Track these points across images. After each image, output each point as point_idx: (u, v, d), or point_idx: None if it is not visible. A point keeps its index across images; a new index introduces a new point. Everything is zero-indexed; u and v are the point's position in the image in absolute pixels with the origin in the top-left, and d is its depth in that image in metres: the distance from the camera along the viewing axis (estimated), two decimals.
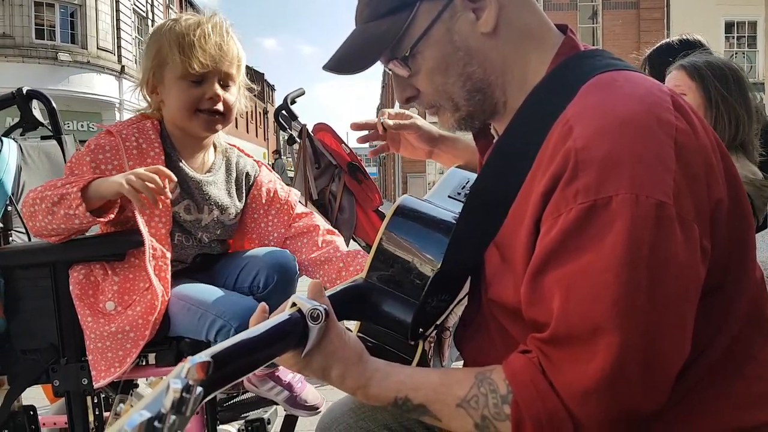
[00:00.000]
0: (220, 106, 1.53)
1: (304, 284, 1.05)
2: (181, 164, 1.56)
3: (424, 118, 1.44)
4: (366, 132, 1.47)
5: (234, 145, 1.75)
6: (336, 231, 1.73)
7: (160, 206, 1.47)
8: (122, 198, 1.42)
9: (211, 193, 1.60)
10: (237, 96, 1.58)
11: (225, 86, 1.55)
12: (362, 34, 0.96)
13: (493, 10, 0.91)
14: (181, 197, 1.56)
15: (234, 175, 1.68)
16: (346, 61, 0.96)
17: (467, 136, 1.31)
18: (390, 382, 0.88)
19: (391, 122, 1.37)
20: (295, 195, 1.76)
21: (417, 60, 0.94)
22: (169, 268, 1.50)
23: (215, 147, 1.67)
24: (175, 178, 1.45)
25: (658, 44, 2.71)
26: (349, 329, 0.95)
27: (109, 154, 1.49)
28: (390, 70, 0.98)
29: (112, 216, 1.45)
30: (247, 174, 1.71)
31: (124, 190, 1.35)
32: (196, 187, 1.58)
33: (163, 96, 1.55)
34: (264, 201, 1.70)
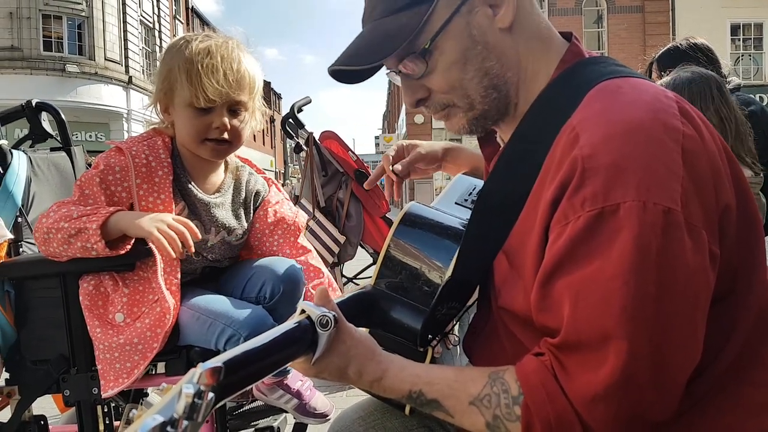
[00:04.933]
0: (227, 135, 1.51)
1: None
2: (189, 185, 1.56)
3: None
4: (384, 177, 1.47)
5: (246, 160, 1.73)
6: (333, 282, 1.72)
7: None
8: None
9: (219, 215, 1.60)
10: (247, 121, 1.56)
11: (235, 112, 1.52)
12: (377, 29, 0.94)
13: (511, 6, 0.91)
14: (189, 218, 1.55)
15: (243, 194, 1.67)
16: (362, 54, 0.94)
17: (472, 143, 1.30)
18: (405, 375, 0.89)
19: (400, 167, 1.37)
20: (302, 217, 1.74)
21: (434, 55, 0.93)
22: (179, 281, 1.50)
23: (226, 165, 1.66)
24: (200, 236, 1.47)
25: (666, 47, 2.72)
26: None
27: (119, 175, 1.48)
28: (399, 71, 0.97)
29: (129, 247, 1.46)
30: (257, 193, 1.70)
31: (153, 238, 1.38)
32: (203, 209, 1.58)
33: (174, 117, 1.53)
34: (270, 221, 1.69)
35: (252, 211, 1.69)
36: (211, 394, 0.59)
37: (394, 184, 1.40)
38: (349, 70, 0.96)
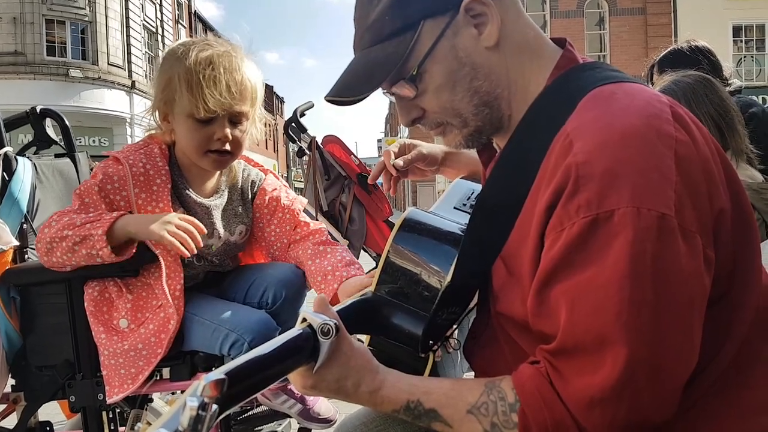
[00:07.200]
0: (228, 146, 1.50)
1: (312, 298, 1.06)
2: (187, 191, 1.56)
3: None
4: (382, 176, 1.48)
5: (241, 156, 1.72)
6: (338, 242, 1.72)
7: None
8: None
9: (220, 217, 1.61)
10: (248, 130, 1.54)
11: (236, 123, 1.51)
12: (366, 58, 0.96)
13: (494, 24, 0.92)
14: None
15: (239, 188, 1.67)
16: (354, 86, 0.96)
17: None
18: (403, 385, 0.90)
19: (401, 162, 1.38)
20: (299, 203, 1.73)
21: (424, 79, 0.95)
22: (183, 286, 1.51)
23: None
24: (206, 230, 1.47)
25: (667, 50, 2.71)
26: (360, 340, 0.96)
27: (117, 184, 1.49)
28: (393, 93, 0.99)
29: (134, 251, 1.46)
30: (252, 182, 1.69)
31: (165, 242, 1.39)
32: (204, 213, 1.58)
33: (174, 126, 1.52)
34: (267, 209, 1.68)
35: (251, 202, 1.69)
36: (214, 406, 0.60)
37: (392, 179, 1.41)
38: (342, 100, 0.98)
